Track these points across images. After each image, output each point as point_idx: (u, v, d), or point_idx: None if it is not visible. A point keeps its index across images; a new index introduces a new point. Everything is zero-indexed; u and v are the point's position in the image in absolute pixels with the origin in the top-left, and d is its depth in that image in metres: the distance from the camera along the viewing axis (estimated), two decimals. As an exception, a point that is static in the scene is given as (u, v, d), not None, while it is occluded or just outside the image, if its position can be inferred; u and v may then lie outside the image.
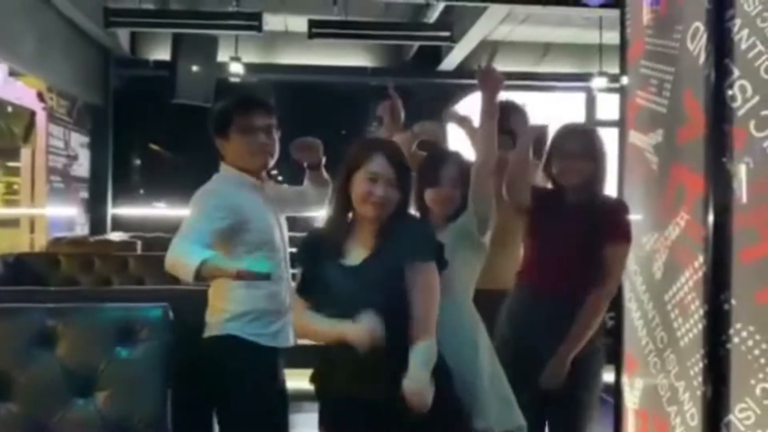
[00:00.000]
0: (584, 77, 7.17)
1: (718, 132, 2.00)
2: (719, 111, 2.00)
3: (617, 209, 2.30)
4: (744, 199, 1.95)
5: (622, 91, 2.73)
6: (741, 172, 1.95)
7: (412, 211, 2.10)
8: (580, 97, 7.85)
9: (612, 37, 3.51)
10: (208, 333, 2.07)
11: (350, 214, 1.78)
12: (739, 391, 1.95)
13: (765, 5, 1.90)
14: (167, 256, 1.96)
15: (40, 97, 6.07)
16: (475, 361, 1.93)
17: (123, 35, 7.19)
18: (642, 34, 2.53)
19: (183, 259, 1.91)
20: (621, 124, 2.71)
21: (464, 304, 2.00)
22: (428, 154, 2.24)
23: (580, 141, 2.26)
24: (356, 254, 1.74)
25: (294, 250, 1.92)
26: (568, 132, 2.32)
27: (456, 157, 2.10)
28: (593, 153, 2.23)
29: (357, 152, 1.76)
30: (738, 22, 1.95)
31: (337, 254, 1.73)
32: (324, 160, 2.33)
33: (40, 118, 6.10)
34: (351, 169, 1.74)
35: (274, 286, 2.06)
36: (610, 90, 6.61)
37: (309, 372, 1.80)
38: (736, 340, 1.96)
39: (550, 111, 8.37)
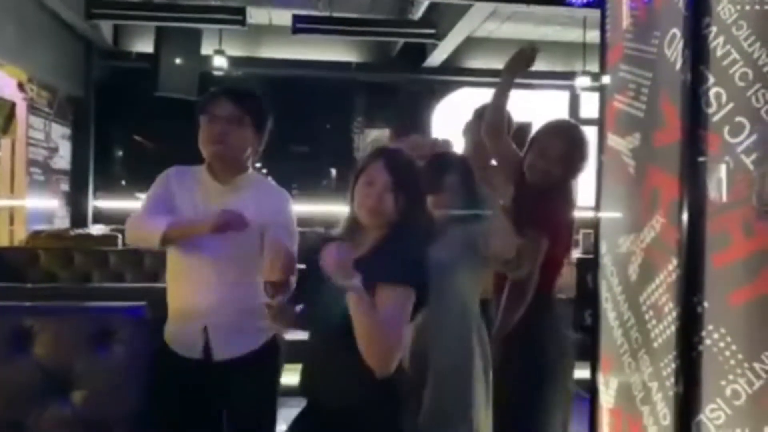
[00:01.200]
0: (568, 76, 7.22)
1: (693, 136, 2.03)
2: (695, 116, 2.03)
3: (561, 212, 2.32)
4: (722, 199, 1.98)
5: (602, 93, 2.76)
6: (721, 172, 1.98)
7: None
8: (564, 96, 7.90)
9: (595, 36, 3.54)
10: None
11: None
12: (710, 392, 1.98)
13: (740, 14, 1.93)
14: (126, 229, 2.03)
15: (21, 87, 5.99)
16: (470, 368, 1.94)
17: (106, 27, 7.12)
18: (621, 38, 2.56)
19: (145, 226, 1.95)
20: (600, 126, 2.74)
21: (462, 310, 1.99)
22: (430, 160, 2.24)
23: (558, 143, 2.29)
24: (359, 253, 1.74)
25: None
26: (550, 131, 2.36)
27: (458, 162, 2.10)
28: (567, 158, 2.26)
29: (363, 160, 1.79)
30: (714, 29, 1.98)
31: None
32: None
33: (21, 109, 6.03)
34: (356, 176, 1.77)
35: (190, 287, 2.03)
36: (593, 89, 6.67)
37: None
38: (708, 341, 1.99)
39: (533, 109, 8.45)
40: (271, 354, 2.05)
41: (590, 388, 2.67)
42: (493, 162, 2.54)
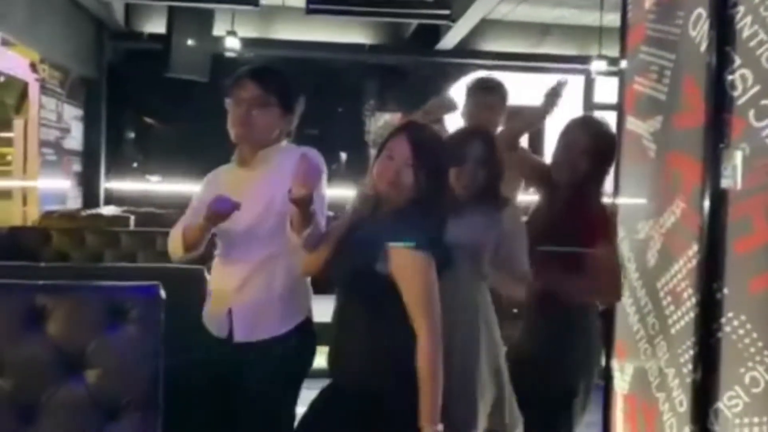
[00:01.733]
0: (583, 60, 7.12)
1: (717, 120, 1.99)
2: (719, 99, 1.98)
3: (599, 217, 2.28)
4: (737, 186, 1.95)
5: (621, 76, 2.71)
6: (737, 158, 1.94)
7: None
8: (579, 80, 7.81)
9: (612, 20, 3.47)
10: None
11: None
12: (729, 379, 1.96)
13: (769, -7, 1.88)
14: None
15: (33, 68, 5.99)
16: (476, 345, 1.94)
17: (118, 7, 7.08)
18: (643, 18, 2.50)
19: (171, 237, 1.98)
20: (619, 110, 2.69)
21: (471, 285, 1.99)
22: (453, 133, 2.23)
23: (582, 136, 2.25)
24: (364, 228, 1.77)
25: None
26: (575, 125, 2.32)
27: (482, 135, 2.08)
28: (592, 151, 2.22)
29: (389, 133, 1.80)
30: (741, 9, 1.93)
31: (356, 227, 1.78)
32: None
33: (33, 89, 6.03)
34: (380, 149, 1.79)
35: (220, 270, 2.07)
36: (609, 74, 6.58)
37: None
38: (727, 329, 1.96)
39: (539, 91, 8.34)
40: (297, 343, 2.03)
41: (604, 374, 2.65)
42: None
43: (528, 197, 2.93)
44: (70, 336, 1.68)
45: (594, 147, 2.24)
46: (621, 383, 2.55)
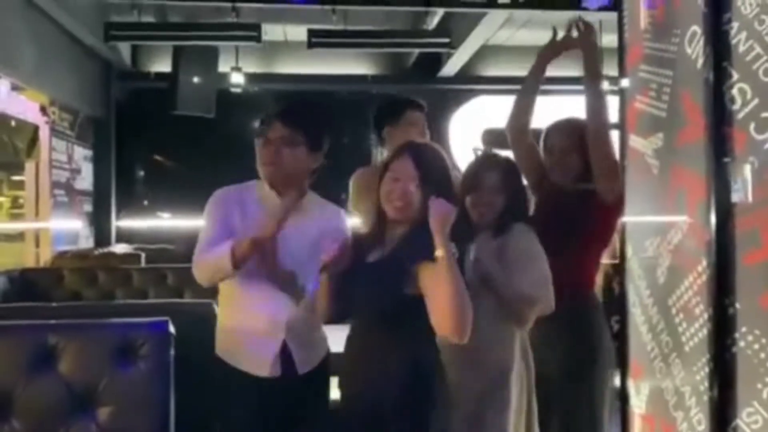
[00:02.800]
0: (585, 80, 7.17)
1: (718, 134, 1.99)
2: (719, 114, 1.99)
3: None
4: (748, 199, 1.94)
5: (622, 95, 2.72)
6: (745, 172, 1.94)
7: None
8: (581, 101, 7.83)
9: (611, 40, 3.49)
10: None
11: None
12: (746, 395, 1.93)
13: (762, 8, 1.89)
14: (195, 269, 2.01)
15: (43, 111, 6.09)
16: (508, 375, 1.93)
17: (124, 48, 7.22)
18: (640, 38, 2.53)
19: (211, 257, 1.95)
20: (621, 129, 2.70)
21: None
22: (474, 159, 2.24)
23: (561, 136, 2.25)
24: (377, 253, 1.77)
25: None
26: (553, 128, 2.34)
27: (501, 162, 2.09)
28: (580, 147, 2.22)
29: (390, 154, 1.83)
30: (735, 25, 1.95)
31: (365, 251, 1.78)
32: None
33: (43, 132, 6.13)
34: (383, 169, 1.79)
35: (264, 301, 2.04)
36: (611, 92, 6.60)
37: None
38: (741, 343, 1.94)
39: (551, 114, 8.38)
40: (328, 365, 2.09)
41: (620, 395, 2.62)
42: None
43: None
44: (81, 374, 1.69)
45: (580, 146, 2.22)
46: (638, 403, 2.52)
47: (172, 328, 1.80)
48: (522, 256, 2.04)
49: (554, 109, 2.58)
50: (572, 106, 2.71)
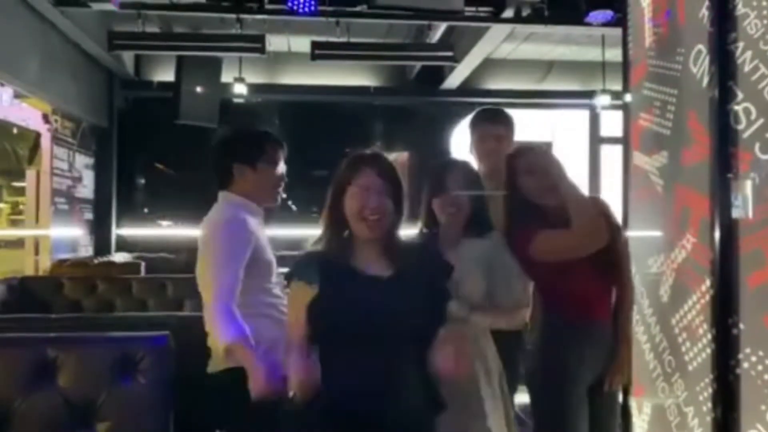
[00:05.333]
0: (587, 95, 7.18)
1: (723, 154, 1.99)
2: (724, 133, 1.99)
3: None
4: (748, 216, 1.93)
5: (626, 111, 2.72)
6: (746, 188, 1.94)
7: (420, 227, 2.08)
8: (584, 115, 7.85)
9: (615, 55, 3.51)
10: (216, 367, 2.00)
11: (346, 233, 1.68)
12: (750, 417, 1.92)
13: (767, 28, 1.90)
14: (213, 318, 1.92)
15: (45, 119, 6.10)
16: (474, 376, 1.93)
17: (127, 57, 7.23)
18: (644, 55, 2.53)
19: (221, 325, 1.89)
20: (624, 144, 2.70)
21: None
22: (434, 164, 2.23)
23: (532, 156, 2.16)
24: (377, 268, 1.65)
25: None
26: (518, 152, 2.21)
27: (462, 164, 2.08)
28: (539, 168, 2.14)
29: (346, 168, 1.70)
30: (741, 45, 1.95)
31: (352, 271, 1.63)
32: None
33: (45, 139, 6.13)
34: (342, 185, 1.67)
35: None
36: (613, 107, 6.61)
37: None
38: (745, 365, 1.93)
39: (553, 129, 8.41)
40: None
41: (622, 413, 2.60)
42: None
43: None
44: (80, 388, 1.68)
45: (555, 163, 2.12)
46: (640, 422, 2.50)
47: (172, 342, 1.78)
48: (507, 261, 2.02)
49: (555, 121, 2.55)
50: (572, 119, 2.68)
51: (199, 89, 6.57)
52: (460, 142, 7.91)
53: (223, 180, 2.15)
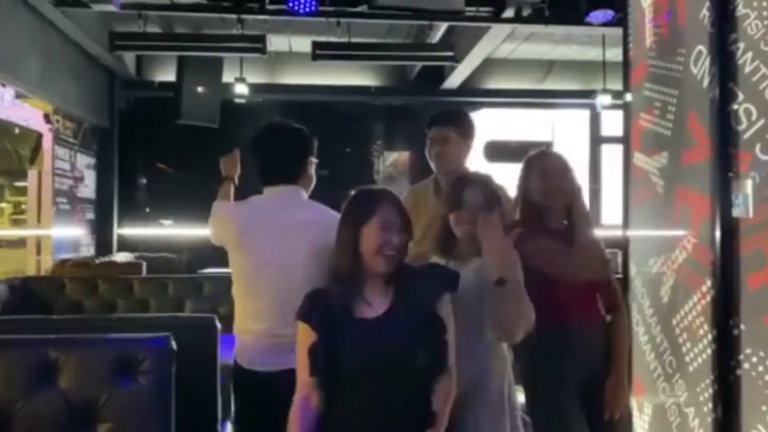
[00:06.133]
0: (588, 94, 7.18)
1: (723, 155, 1.99)
2: (724, 134, 1.99)
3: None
4: (749, 214, 1.93)
5: (626, 112, 2.72)
6: (747, 187, 1.94)
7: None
8: (584, 115, 7.85)
9: (616, 54, 3.50)
10: None
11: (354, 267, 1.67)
12: (751, 417, 1.92)
13: (768, 29, 1.90)
14: None
15: (47, 119, 6.11)
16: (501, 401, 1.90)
17: (129, 57, 7.24)
18: (645, 56, 2.53)
19: None
20: (625, 144, 2.70)
21: (493, 343, 1.94)
22: (454, 179, 2.21)
23: (552, 160, 2.17)
24: (372, 307, 1.65)
25: None
26: (538, 155, 2.22)
27: (482, 179, 2.06)
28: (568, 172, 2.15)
29: (362, 203, 1.70)
30: (741, 46, 1.95)
31: (350, 310, 1.64)
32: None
33: (47, 140, 6.13)
34: (360, 220, 1.66)
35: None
36: (614, 107, 6.61)
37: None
38: (746, 365, 1.93)
39: (554, 129, 8.41)
40: None
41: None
42: None
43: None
44: (81, 389, 1.68)
45: (567, 169, 2.13)
46: (641, 423, 2.50)
47: (173, 344, 1.78)
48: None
49: (555, 121, 2.54)
50: (573, 119, 2.68)
51: (200, 89, 6.58)
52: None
53: (296, 175, 2.14)
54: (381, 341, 1.60)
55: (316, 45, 5.51)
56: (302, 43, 6.31)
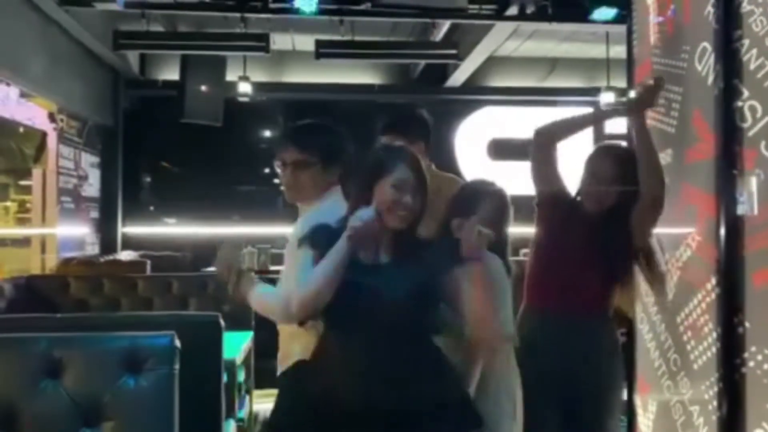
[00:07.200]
0: (592, 92, 7.16)
1: (728, 152, 1.98)
2: (729, 131, 1.98)
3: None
4: (753, 212, 1.92)
5: (630, 109, 2.71)
6: (751, 184, 1.93)
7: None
8: (589, 112, 7.83)
9: (619, 51, 3.49)
10: None
11: None
12: (756, 416, 1.91)
13: (773, 25, 1.89)
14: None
15: (51, 118, 6.12)
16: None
17: (132, 56, 7.26)
18: (649, 53, 2.52)
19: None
20: (629, 143, 2.69)
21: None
22: (465, 185, 2.24)
23: (610, 165, 2.26)
24: (376, 256, 1.72)
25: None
26: (602, 154, 2.33)
27: (496, 191, 2.07)
28: (623, 179, 2.22)
29: (381, 159, 1.76)
30: (746, 42, 1.94)
31: (355, 253, 1.68)
32: None
33: (51, 139, 6.15)
34: (375, 176, 1.72)
35: None
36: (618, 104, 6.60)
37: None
38: (751, 363, 1.92)
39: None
40: None
41: (627, 411, 2.59)
42: None
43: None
44: (85, 388, 1.68)
45: (623, 175, 2.22)
46: (645, 421, 2.50)
47: (177, 342, 1.79)
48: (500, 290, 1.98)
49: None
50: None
51: (203, 88, 6.59)
52: (464, 140, 7.93)
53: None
54: (373, 288, 1.65)
55: (319, 43, 5.51)
56: (305, 42, 6.31)
